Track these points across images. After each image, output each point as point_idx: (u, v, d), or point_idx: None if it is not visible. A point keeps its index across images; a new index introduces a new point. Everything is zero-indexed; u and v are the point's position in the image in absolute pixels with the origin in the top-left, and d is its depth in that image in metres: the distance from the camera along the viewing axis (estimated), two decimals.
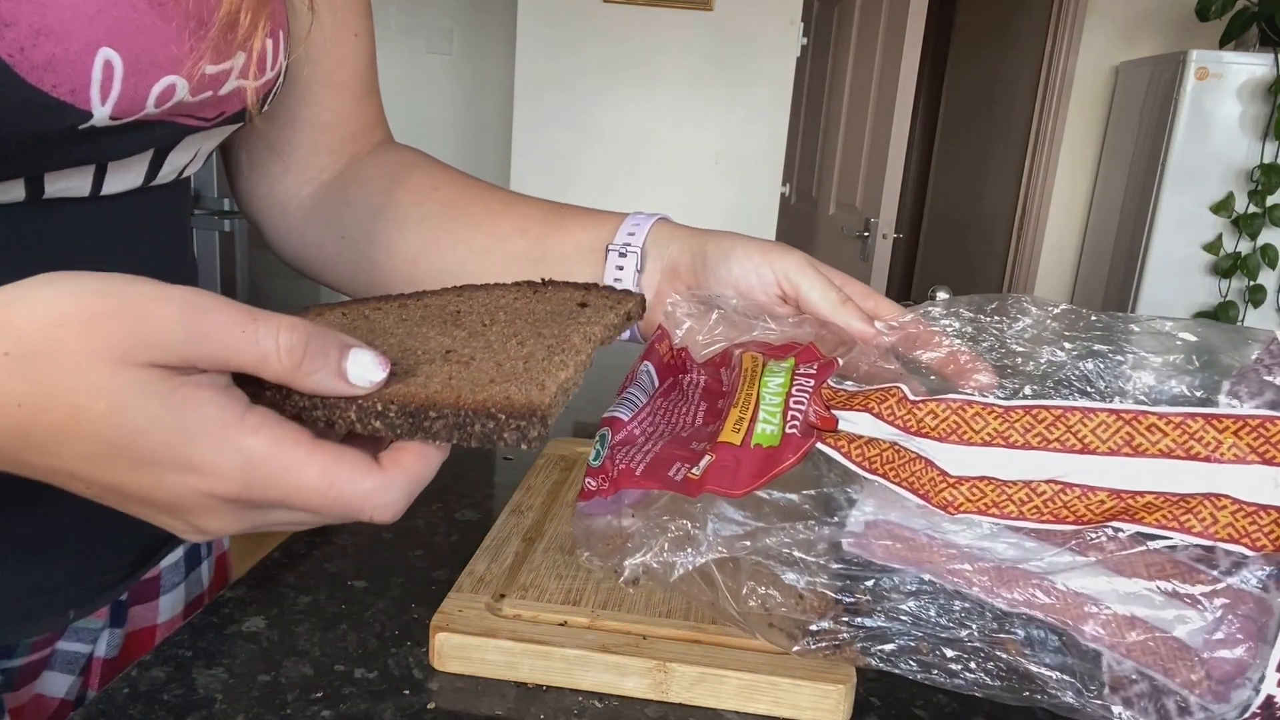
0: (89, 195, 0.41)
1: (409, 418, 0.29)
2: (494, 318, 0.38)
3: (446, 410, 0.29)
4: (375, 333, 0.36)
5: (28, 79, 0.33)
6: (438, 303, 0.40)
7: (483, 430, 0.28)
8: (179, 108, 0.39)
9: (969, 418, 0.37)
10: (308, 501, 0.28)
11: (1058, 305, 0.42)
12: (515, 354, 0.33)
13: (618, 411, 0.44)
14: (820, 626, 0.38)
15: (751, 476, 0.37)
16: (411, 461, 0.29)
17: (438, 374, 0.31)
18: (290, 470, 0.27)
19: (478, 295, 0.41)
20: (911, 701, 0.41)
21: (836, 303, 0.46)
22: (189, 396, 0.26)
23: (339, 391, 0.29)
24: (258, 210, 0.59)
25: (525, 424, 0.28)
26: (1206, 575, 0.33)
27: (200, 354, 0.26)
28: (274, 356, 0.27)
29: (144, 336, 0.26)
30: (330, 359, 0.28)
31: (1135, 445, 0.35)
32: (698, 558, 0.39)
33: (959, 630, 0.36)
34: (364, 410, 0.29)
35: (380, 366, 0.29)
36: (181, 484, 0.27)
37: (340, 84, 0.56)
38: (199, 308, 0.26)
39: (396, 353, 0.33)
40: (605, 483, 0.41)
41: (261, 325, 0.27)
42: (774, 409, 0.40)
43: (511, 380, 0.30)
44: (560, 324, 0.37)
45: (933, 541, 0.37)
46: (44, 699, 0.50)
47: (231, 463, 0.27)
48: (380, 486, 0.28)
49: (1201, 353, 0.37)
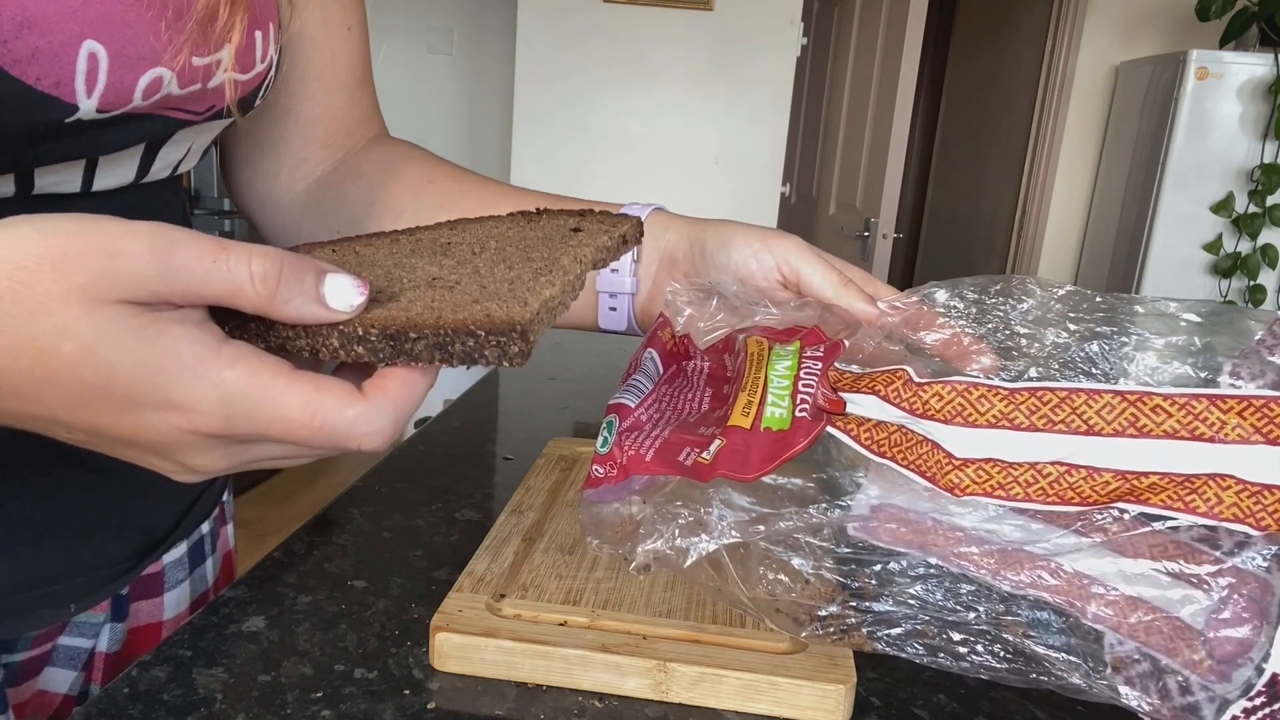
0: (80, 191, 0.41)
1: (390, 340, 0.28)
2: (484, 246, 0.37)
3: (427, 330, 0.28)
4: (364, 265, 0.35)
5: (11, 72, 0.33)
6: (429, 236, 0.40)
7: (464, 349, 0.28)
8: (168, 100, 0.39)
9: (974, 400, 0.37)
10: (292, 433, 0.28)
11: (1062, 286, 0.42)
12: (502, 276, 0.33)
13: (624, 398, 0.44)
14: (828, 611, 0.38)
15: (762, 460, 0.38)
16: (396, 388, 0.29)
17: (421, 298, 0.31)
18: (271, 401, 0.27)
19: (470, 227, 0.41)
20: (911, 701, 0.41)
21: (838, 285, 0.46)
22: (162, 331, 0.26)
23: (318, 317, 0.28)
24: (252, 205, 0.59)
25: (505, 340, 0.28)
26: (1210, 556, 0.33)
27: (172, 288, 0.26)
28: (248, 285, 0.26)
29: (114, 273, 0.25)
30: (306, 284, 0.28)
31: (1140, 426, 0.35)
32: (711, 543, 0.39)
33: (965, 613, 0.37)
34: (346, 336, 0.29)
35: (358, 289, 0.29)
36: (163, 422, 0.27)
37: (334, 78, 0.56)
38: (169, 240, 0.26)
39: (383, 281, 0.33)
40: (614, 469, 0.41)
41: (233, 254, 0.26)
42: (783, 392, 0.40)
43: (494, 300, 0.30)
44: (551, 248, 0.36)
45: (938, 525, 0.38)
46: (47, 694, 0.50)
47: (210, 397, 0.26)
48: (365, 413, 0.28)
49: (1204, 334, 0.37)
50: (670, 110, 2.78)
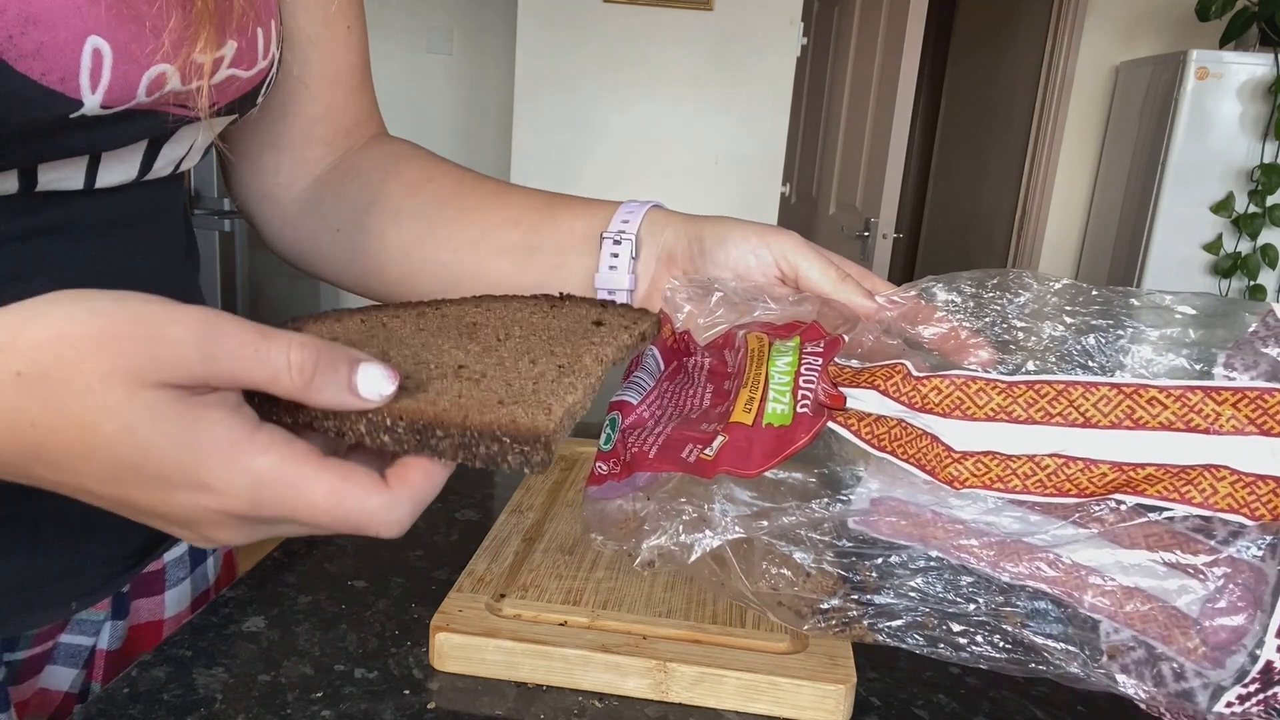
0: (83, 188, 0.41)
1: (416, 434, 0.29)
2: (509, 332, 0.38)
3: (453, 430, 0.29)
4: (391, 342, 0.36)
5: (16, 67, 0.33)
6: (455, 313, 0.40)
7: (487, 452, 0.29)
8: (171, 97, 0.39)
9: (972, 393, 0.38)
10: (314, 518, 0.28)
11: (1058, 280, 0.42)
12: (526, 373, 0.34)
13: (626, 395, 0.44)
14: (830, 605, 0.38)
15: (765, 456, 0.38)
16: (418, 479, 0.30)
17: (448, 390, 0.32)
18: (298, 488, 0.28)
19: (495, 307, 0.42)
20: (911, 702, 0.41)
21: (836, 280, 0.46)
22: (201, 416, 0.27)
23: (349, 405, 0.29)
24: (252, 204, 0.59)
25: (529, 449, 0.29)
26: (1205, 545, 0.34)
27: (213, 373, 0.27)
28: (285, 374, 0.28)
29: (158, 357, 0.26)
30: (340, 374, 0.29)
31: (1136, 418, 0.35)
32: (715, 539, 0.39)
33: (965, 605, 0.37)
34: (373, 424, 0.29)
35: (389, 380, 0.30)
36: (192, 501, 0.28)
37: (333, 77, 0.56)
38: (212, 327, 0.27)
39: (410, 365, 0.34)
40: (617, 466, 0.42)
41: (273, 344, 0.28)
42: (784, 388, 0.40)
43: (519, 402, 0.31)
44: (574, 342, 0.37)
45: (938, 517, 0.38)
46: (48, 692, 0.50)
47: (241, 481, 0.27)
48: (387, 504, 0.29)
49: (1199, 326, 0.37)
50: (670, 110, 2.78)
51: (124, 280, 0.45)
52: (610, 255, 0.50)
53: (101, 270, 0.44)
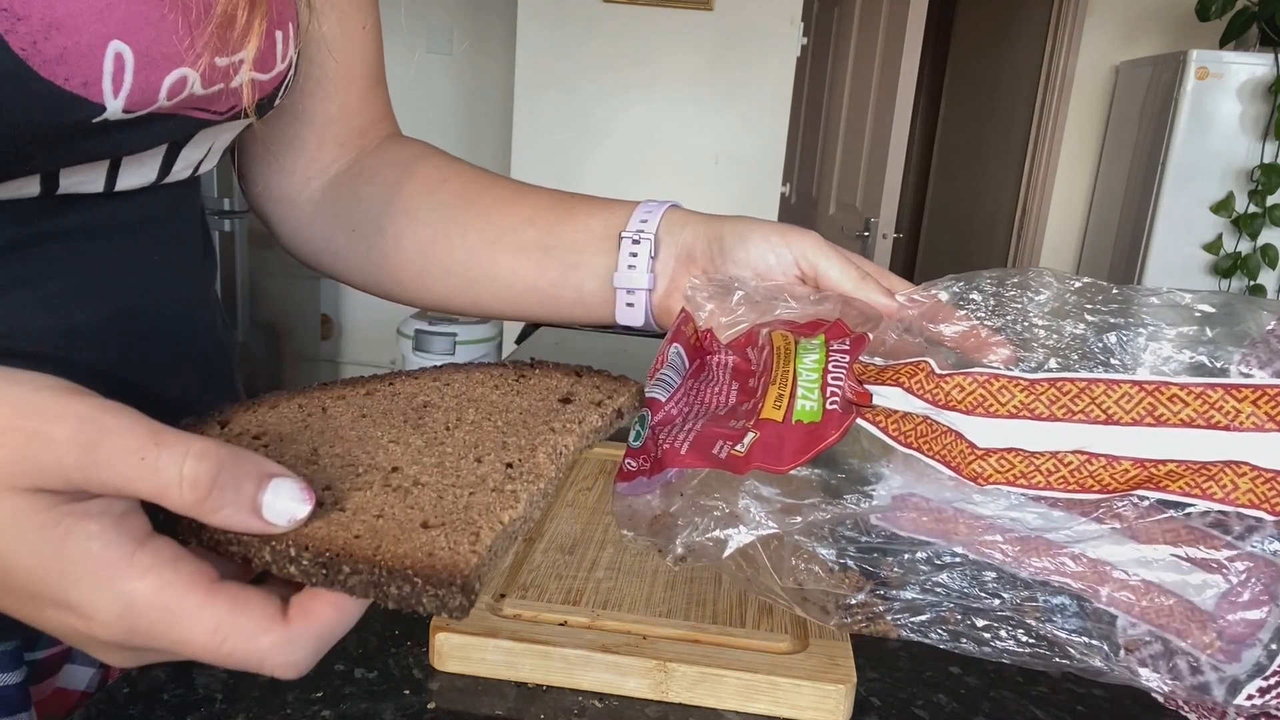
0: (103, 192, 0.41)
1: (323, 568, 0.26)
2: (462, 417, 0.35)
3: (361, 565, 0.25)
4: (325, 435, 0.33)
5: (40, 72, 0.33)
6: (408, 390, 0.37)
7: (399, 593, 0.25)
8: (191, 100, 0.39)
9: (995, 391, 0.38)
10: (196, 654, 0.25)
11: (1078, 279, 0.42)
12: (466, 478, 0.30)
13: (655, 392, 0.45)
14: (856, 600, 0.38)
15: (795, 453, 0.38)
16: (324, 613, 0.26)
17: (370, 506, 0.28)
18: (178, 621, 0.25)
19: (455, 381, 0.38)
20: (911, 701, 0.41)
21: (857, 279, 0.47)
22: (71, 529, 0.24)
23: (252, 529, 0.26)
24: (266, 205, 0.59)
25: (445, 593, 0.25)
26: (1224, 541, 0.34)
27: (93, 480, 0.24)
28: (175, 489, 0.24)
29: (31, 459, 0.23)
30: (244, 492, 0.25)
31: (1157, 415, 0.36)
32: (748, 535, 0.39)
33: (989, 600, 0.37)
34: (278, 553, 0.26)
35: (303, 501, 0.26)
36: (61, 621, 0.25)
37: (348, 78, 0.56)
38: (98, 429, 0.24)
39: (338, 468, 0.30)
40: (647, 463, 0.42)
41: (165, 453, 0.24)
42: (812, 385, 0.40)
43: (445, 524, 0.27)
44: (532, 429, 0.34)
45: (960, 514, 0.38)
46: (65, 691, 0.50)
47: (111, 608, 0.24)
48: (280, 644, 0.25)
49: (1217, 324, 0.38)
50: (670, 110, 2.78)
51: (142, 282, 0.46)
52: (629, 255, 0.51)
53: (119, 273, 0.44)
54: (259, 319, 2.88)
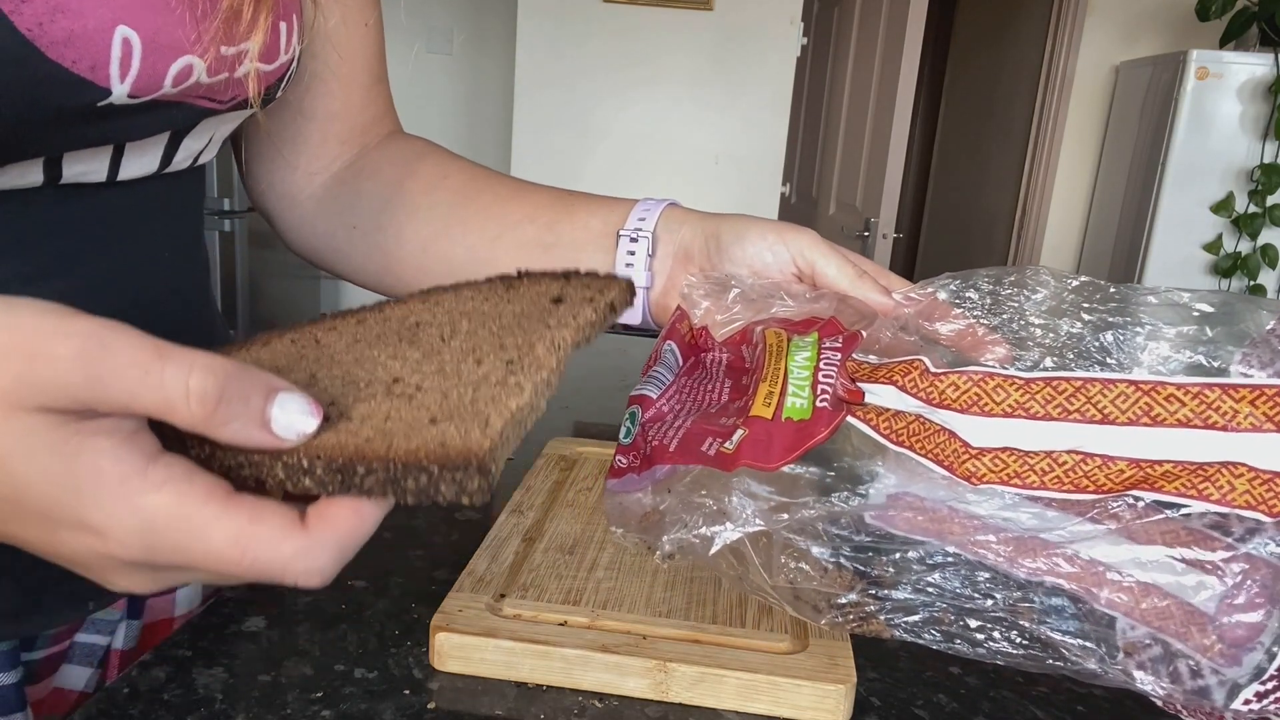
0: (106, 180, 0.41)
1: (338, 474, 0.25)
2: (455, 328, 0.34)
3: (376, 465, 0.25)
4: (322, 361, 0.33)
5: (48, 54, 0.33)
6: (399, 314, 0.37)
7: (417, 486, 0.25)
8: (196, 89, 0.39)
9: (990, 390, 0.38)
10: (218, 567, 0.25)
11: (1075, 277, 0.42)
12: (468, 378, 0.30)
13: (646, 389, 0.45)
14: (847, 599, 0.38)
15: (785, 450, 0.38)
16: (344, 519, 0.26)
17: (376, 413, 0.28)
18: (197, 533, 0.24)
19: (444, 300, 0.38)
20: (911, 701, 0.41)
21: (854, 276, 0.47)
22: (82, 447, 0.24)
23: (262, 443, 0.25)
24: (268, 202, 0.59)
25: (463, 476, 0.25)
26: (1222, 542, 0.34)
27: (99, 397, 0.23)
28: (181, 402, 0.24)
29: (34, 379, 0.23)
30: (252, 406, 0.25)
31: (1154, 415, 0.35)
32: (735, 531, 0.39)
33: (982, 600, 0.37)
34: (290, 467, 0.26)
35: (311, 414, 0.26)
36: (78, 543, 0.25)
37: (350, 75, 0.56)
38: (100, 345, 0.23)
39: (339, 387, 0.30)
40: (637, 459, 0.42)
41: (169, 367, 0.24)
42: (803, 382, 0.40)
43: (454, 417, 0.27)
44: (527, 329, 0.33)
45: (954, 513, 0.38)
46: (63, 692, 0.50)
47: (129, 524, 0.24)
48: (303, 551, 0.25)
49: (1216, 323, 0.37)
50: (670, 110, 2.78)
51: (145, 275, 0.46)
52: (627, 253, 0.51)
53: (122, 265, 0.44)
54: (259, 319, 2.88)
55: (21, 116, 0.34)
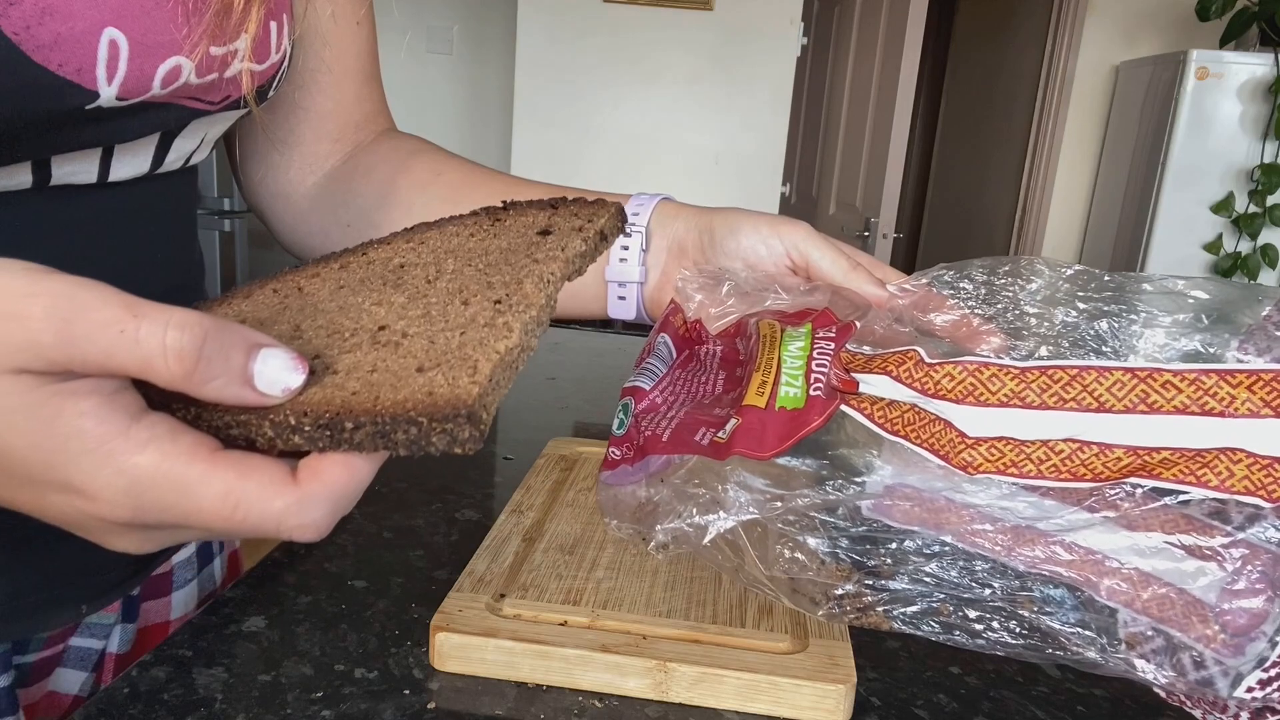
0: (96, 182, 0.41)
1: (326, 430, 0.25)
2: (441, 268, 0.33)
3: (364, 419, 0.24)
4: (305, 311, 0.32)
5: (34, 58, 0.33)
6: (383, 255, 0.35)
7: (407, 438, 0.24)
8: (185, 89, 0.39)
9: (985, 379, 0.38)
10: (209, 524, 0.25)
11: (1070, 266, 0.42)
12: (455, 321, 0.29)
13: (639, 381, 0.45)
14: (844, 590, 0.38)
15: (778, 439, 0.38)
16: (334, 473, 0.25)
17: (363, 364, 0.27)
18: (185, 491, 0.24)
19: (429, 238, 0.36)
20: (911, 701, 0.41)
21: (847, 268, 0.47)
22: (62, 408, 0.23)
23: (246, 401, 0.25)
24: (262, 200, 0.59)
25: (453, 426, 0.24)
26: (1222, 529, 0.34)
27: (73, 357, 0.23)
28: (159, 360, 0.23)
29: (7, 340, 0.22)
30: (233, 363, 0.24)
31: (1150, 403, 0.35)
32: (729, 520, 0.39)
33: (981, 590, 0.37)
34: (278, 425, 0.25)
35: (296, 369, 0.25)
36: (68, 505, 0.25)
37: (343, 72, 0.56)
38: (71, 303, 0.23)
39: (323, 337, 0.29)
40: (630, 450, 0.42)
41: (144, 324, 0.23)
42: (796, 372, 0.40)
43: (441, 364, 0.26)
44: (515, 264, 0.32)
45: (951, 503, 0.38)
46: (57, 695, 0.50)
47: (115, 484, 0.24)
48: (295, 505, 0.25)
49: (1212, 310, 0.37)
50: (670, 110, 2.78)
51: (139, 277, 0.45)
52: (620, 247, 0.51)
53: (115, 267, 0.44)
54: None
55: (8, 120, 0.34)
